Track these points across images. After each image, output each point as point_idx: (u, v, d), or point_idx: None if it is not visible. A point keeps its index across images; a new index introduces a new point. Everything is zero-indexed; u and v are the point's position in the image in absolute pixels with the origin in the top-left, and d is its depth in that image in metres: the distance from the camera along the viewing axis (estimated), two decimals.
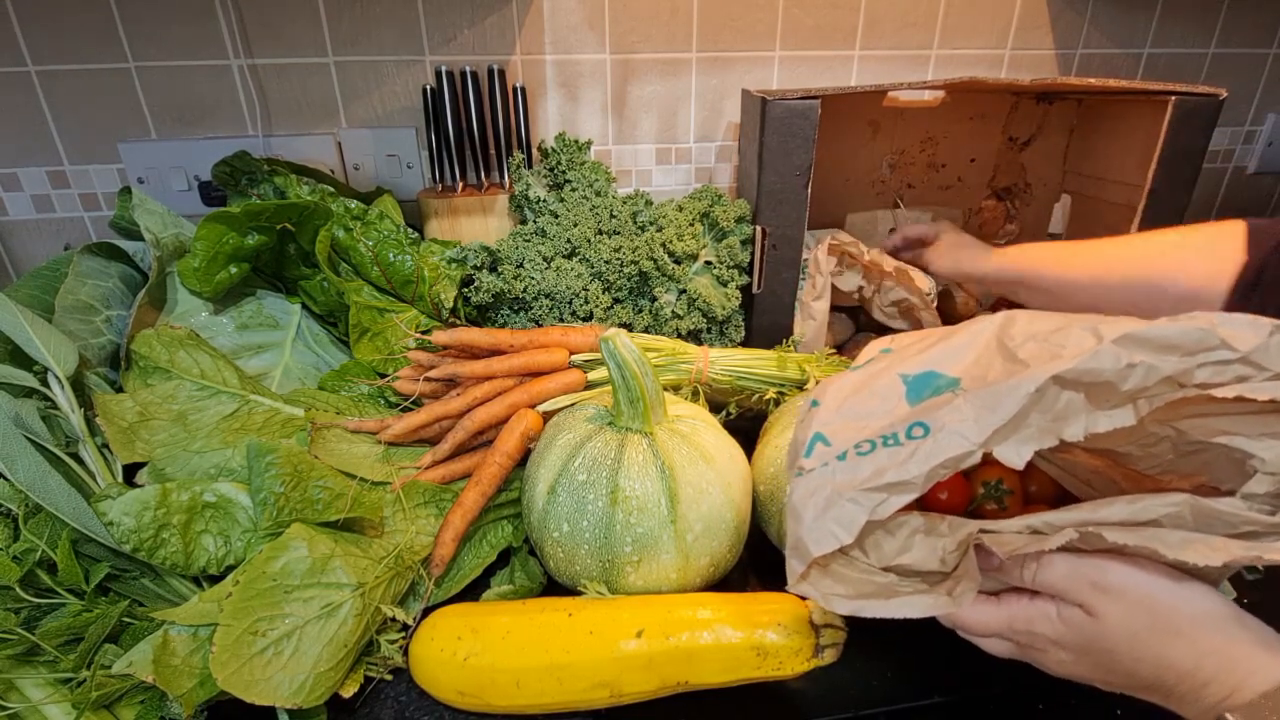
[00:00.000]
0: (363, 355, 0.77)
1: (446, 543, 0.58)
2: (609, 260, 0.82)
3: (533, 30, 0.93)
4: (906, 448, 0.36)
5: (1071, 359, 0.32)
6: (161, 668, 0.45)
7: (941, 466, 0.34)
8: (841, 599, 0.38)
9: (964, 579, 0.38)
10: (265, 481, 0.52)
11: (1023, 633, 0.40)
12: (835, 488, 0.37)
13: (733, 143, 1.04)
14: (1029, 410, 0.33)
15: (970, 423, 0.34)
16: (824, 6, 0.97)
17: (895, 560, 0.39)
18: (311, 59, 0.90)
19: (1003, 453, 0.34)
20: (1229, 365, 0.32)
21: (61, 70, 0.86)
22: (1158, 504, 0.35)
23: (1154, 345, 0.32)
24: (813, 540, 0.37)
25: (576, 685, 0.47)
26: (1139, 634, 0.36)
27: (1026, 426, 0.33)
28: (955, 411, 0.35)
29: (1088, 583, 0.37)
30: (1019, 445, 0.33)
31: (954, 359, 0.38)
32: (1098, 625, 0.37)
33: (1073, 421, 0.33)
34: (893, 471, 0.35)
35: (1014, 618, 0.40)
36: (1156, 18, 1.07)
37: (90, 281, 0.70)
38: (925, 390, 0.38)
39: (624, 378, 0.55)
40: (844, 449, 0.38)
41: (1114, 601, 0.36)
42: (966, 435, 0.34)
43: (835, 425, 0.39)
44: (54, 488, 0.51)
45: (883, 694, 0.52)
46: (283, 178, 0.82)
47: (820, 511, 0.37)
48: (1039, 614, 0.39)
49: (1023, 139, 1.01)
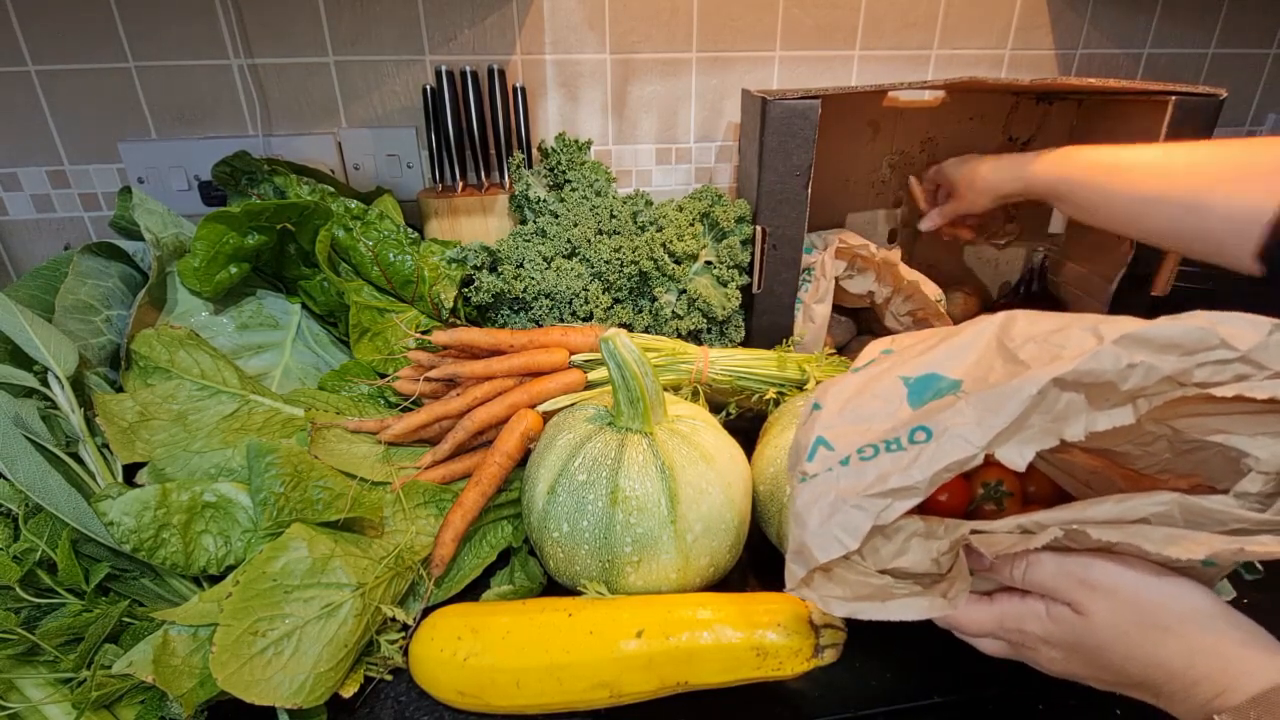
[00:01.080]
0: (363, 355, 0.77)
1: (446, 543, 0.58)
2: (609, 260, 0.82)
3: (533, 30, 0.93)
4: (910, 452, 0.36)
5: (1072, 360, 0.32)
6: (161, 668, 0.45)
7: (945, 470, 0.34)
8: (839, 601, 0.38)
9: (956, 580, 0.38)
10: (265, 481, 0.52)
11: (1014, 631, 0.40)
12: (839, 494, 0.37)
13: (733, 143, 1.04)
14: (1030, 412, 0.33)
15: (973, 425, 0.34)
16: (824, 6, 0.97)
17: (891, 563, 0.39)
18: (311, 59, 0.90)
19: (1005, 454, 0.34)
20: (1228, 364, 0.32)
21: (61, 70, 0.86)
22: (1146, 503, 0.35)
23: (1154, 345, 0.32)
24: (817, 546, 0.37)
25: (576, 685, 0.47)
26: (1127, 631, 0.36)
27: (1028, 428, 0.34)
28: (957, 414, 0.35)
29: (1075, 580, 0.37)
30: (1021, 446, 0.34)
31: (955, 361, 0.38)
32: (1086, 623, 0.37)
33: (1073, 422, 0.33)
34: (896, 476, 0.35)
35: (1005, 616, 0.40)
36: (1156, 18, 1.07)
37: (90, 281, 0.70)
38: (927, 393, 0.38)
39: (624, 378, 0.55)
40: (847, 454, 0.38)
41: (1101, 599, 0.36)
42: (969, 438, 0.34)
43: (838, 429, 0.39)
44: (54, 488, 0.51)
45: (882, 694, 0.52)
46: (283, 178, 0.82)
47: (825, 518, 0.37)
48: (1029, 612, 0.39)
49: (1023, 139, 1.01)
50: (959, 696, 0.52)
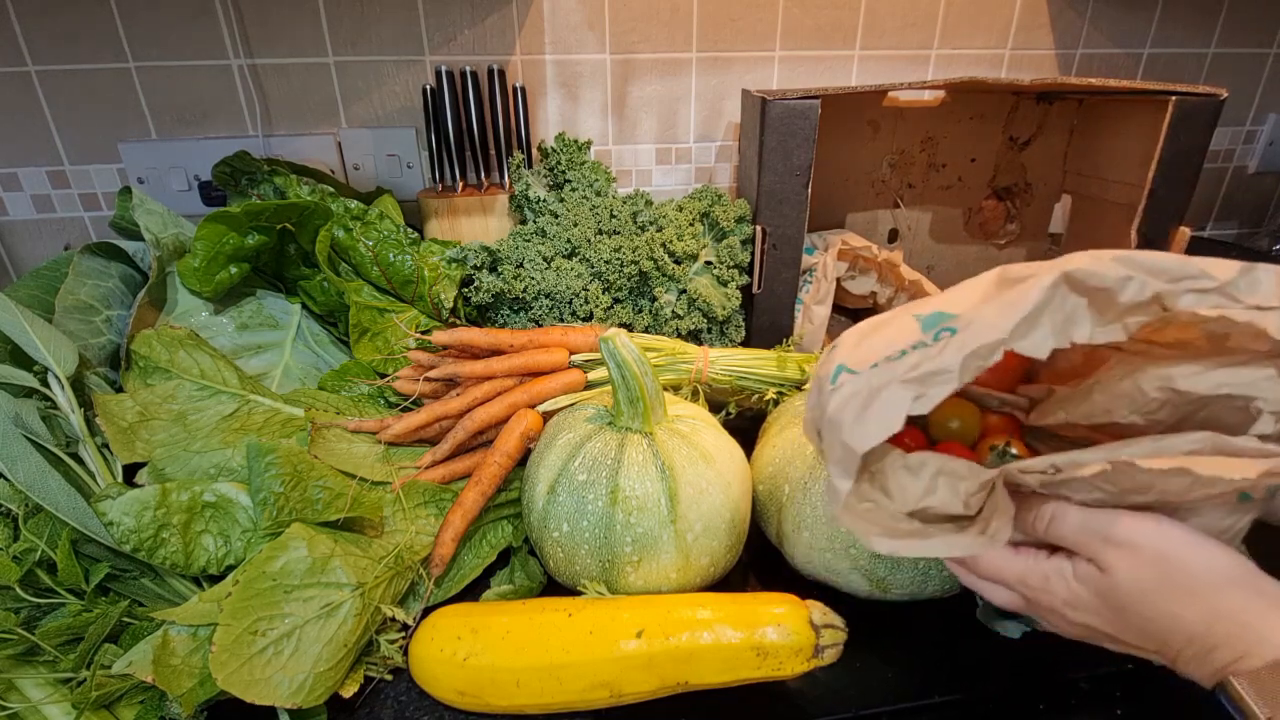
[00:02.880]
0: (363, 355, 0.77)
1: (446, 542, 0.58)
2: (609, 260, 0.82)
3: (533, 30, 0.93)
4: (937, 346, 0.36)
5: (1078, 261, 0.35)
6: (161, 668, 0.45)
7: (974, 356, 0.34)
8: (882, 537, 0.37)
9: (996, 516, 0.37)
10: (265, 481, 0.52)
11: (1037, 589, 0.39)
12: (872, 389, 0.37)
13: (733, 143, 1.04)
14: (1044, 307, 0.34)
15: (995, 317, 0.35)
16: (824, 6, 0.97)
17: (920, 503, 0.38)
18: (311, 59, 0.90)
19: (1027, 345, 0.34)
20: (1208, 294, 0.34)
21: (61, 70, 0.86)
22: (1181, 441, 0.35)
23: (1145, 266, 0.34)
24: (858, 438, 0.36)
25: (576, 685, 0.47)
26: (1149, 591, 0.35)
27: (1042, 325, 0.35)
28: (979, 314, 0.36)
29: (1099, 536, 0.36)
30: (1041, 339, 0.35)
31: (961, 298, 0.39)
32: (1108, 580, 0.36)
33: (1079, 325, 0.35)
34: (928, 364, 0.35)
35: (1029, 572, 0.39)
36: (1156, 18, 1.07)
37: (90, 281, 0.70)
38: (939, 325, 0.38)
39: (624, 378, 0.55)
40: (875, 361, 0.38)
41: (1125, 556, 0.35)
42: (995, 324, 0.34)
43: (857, 356, 0.39)
44: (54, 488, 0.51)
45: (883, 694, 0.52)
46: (283, 178, 0.82)
47: (860, 411, 0.37)
48: (1054, 571, 0.38)
49: (1023, 139, 1.01)
50: (959, 696, 0.52)
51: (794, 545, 0.56)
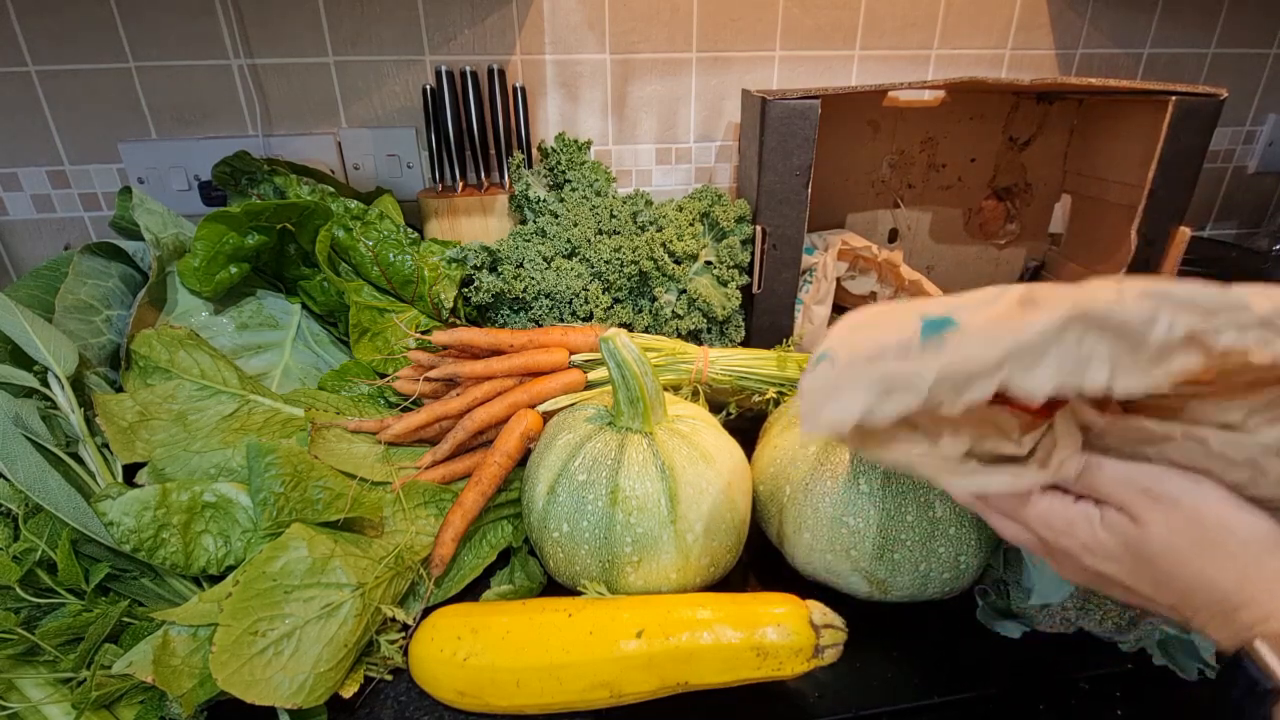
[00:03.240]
0: (363, 355, 0.77)
1: (446, 543, 0.58)
2: (609, 260, 0.82)
3: (533, 30, 0.93)
4: (920, 351, 0.34)
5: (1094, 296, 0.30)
6: (161, 668, 0.45)
7: (952, 379, 0.32)
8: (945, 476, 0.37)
9: (1060, 447, 0.36)
10: (265, 481, 0.52)
11: (1058, 530, 0.38)
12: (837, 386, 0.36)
13: (733, 143, 1.04)
14: (1053, 342, 0.30)
15: (985, 341, 0.32)
16: (824, 6, 0.97)
17: (971, 446, 0.37)
18: (311, 59, 0.90)
19: (1020, 382, 0.31)
20: (1248, 330, 0.30)
21: (61, 70, 0.86)
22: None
23: (1172, 300, 0.30)
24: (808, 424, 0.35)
25: (576, 685, 0.47)
26: (1183, 549, 0.35)
27: (1046, 363, 0.31)
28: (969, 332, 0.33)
29: (1139, 489, 0.36)
30: (1042, 379, 0.31)
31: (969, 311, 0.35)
32: (1141, 533, 0.36)
33: (1096, 370, 0.30)
34: (901, 369, 0.33)
35: (1052, 514, 0.38)
36: (1156, 18, 1.07)
37: (90, 281, 0.70)
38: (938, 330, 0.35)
39: (624, 378, 0.55)
40: (856, 358, 0.36)
41: (1163, 511, 0.35)
42: (982, 351, 0.31)
43: (847, 346, 0.37)
44: (54, 488, 0.51)
45: (883, 694, 0.52)
46: (283, 178, 0.82)
47: (822, 401, 0.36)
48: (1080, 516, 0.38)
49: (1023, 139, 1.01)
50: (959, 696, 0.52)
51: (795, 546, 0.56)
